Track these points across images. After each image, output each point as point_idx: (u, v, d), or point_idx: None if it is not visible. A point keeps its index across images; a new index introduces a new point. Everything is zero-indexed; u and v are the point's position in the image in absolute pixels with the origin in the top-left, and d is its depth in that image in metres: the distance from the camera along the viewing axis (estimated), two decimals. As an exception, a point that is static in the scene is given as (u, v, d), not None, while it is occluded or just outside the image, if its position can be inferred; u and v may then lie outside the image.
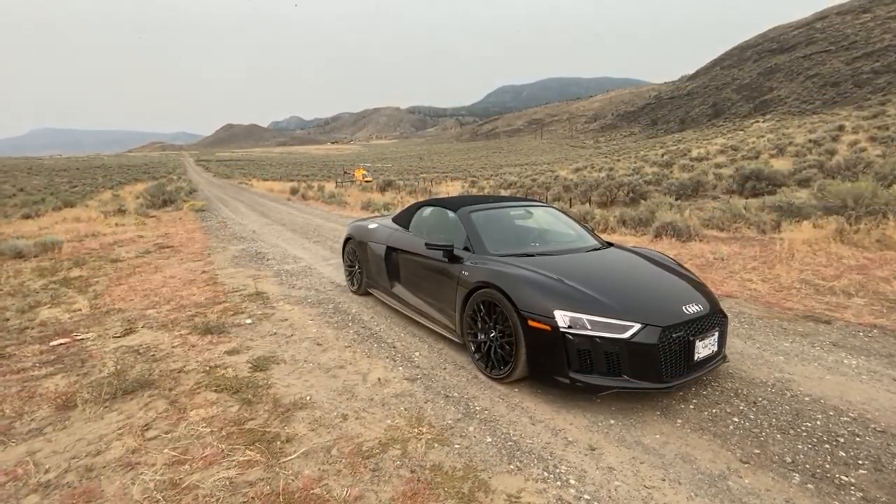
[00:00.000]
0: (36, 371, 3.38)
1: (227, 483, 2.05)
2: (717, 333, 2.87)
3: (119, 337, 4.11)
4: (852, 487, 2.03)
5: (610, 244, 3.95)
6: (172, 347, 3.76)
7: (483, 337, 3.18)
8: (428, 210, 4.50)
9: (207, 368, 3.29)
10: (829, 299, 4.78)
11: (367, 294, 5.19)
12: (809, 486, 2.05)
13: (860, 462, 2.19)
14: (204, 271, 6.84)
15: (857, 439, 2.36)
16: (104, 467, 2.21)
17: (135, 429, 2.52)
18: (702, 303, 2.89)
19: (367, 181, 39.79)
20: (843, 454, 2.25)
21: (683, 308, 2.78)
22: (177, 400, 2.84)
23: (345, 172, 54.06)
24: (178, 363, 3.41)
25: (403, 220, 4.70)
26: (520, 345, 2.82)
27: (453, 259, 3.58)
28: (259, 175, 62.39)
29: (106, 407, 2.78)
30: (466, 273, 3.34)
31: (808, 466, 2.17)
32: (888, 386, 2.93)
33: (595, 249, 3.74)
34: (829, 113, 51.86)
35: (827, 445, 2.32)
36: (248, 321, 4.39)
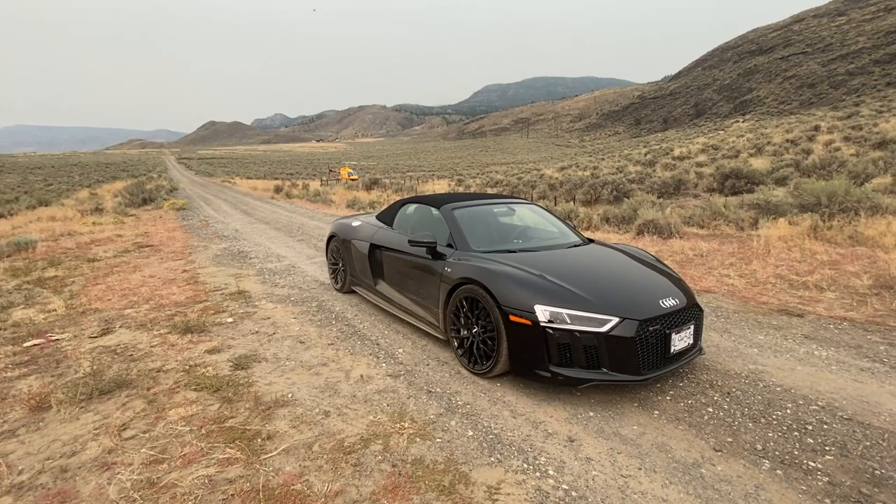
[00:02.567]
0: (9, 372, 3.30)
1: (206, 481, 2.03)
2: (692, 326, 2.94)
3: (96, 337, 4.03)
4: (819, 472, 2.10)
5: (591, 241, 4.01)
6: (151, 347, 3.70)
7: (466, 333, 3.20)
8: (412, 207, 4.50)
9: (187, 367, 3.24)
10: (803, 293, 4.92)
11: (352, 292, 5.18)
12: (778, 471, 2.12)
13: (827, 448, 2.27)
14: (185, 270, 6.73)
15: (825, 427, 2.45)
16: (79, 468, 2.17)
17: (111, 429, 2.48)
18: (678, 297, 2.96)
19: (352, 179, 39.52)
20: (811, 441, 2.33)
21: (660, 302, 2.84)
22: (155, 399, 2.80)
23: (330, 171, 53.68)
24: (157, 363, 3.36)
25: (387, 217, 4.69)
26: (501, 340, 2.85)
27: (436, 255, 3.59)
28: (242, 173, 61.55)
29: (82, 407, 2.73)
30: (449, 269, 3.35)
31: (777, 453, 2.24)
32: (856, 375, 3.04)
33: (576, 246, 3.79)
34: (806, 113, 53.25)
35: (796, 433, 2.40)
36: (230, 320, 4.34)
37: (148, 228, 11.53)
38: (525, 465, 2.17)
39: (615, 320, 2.65)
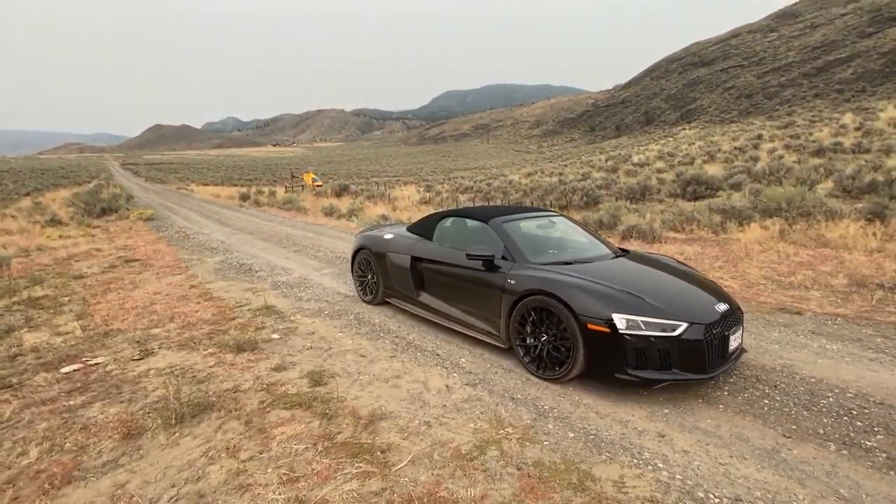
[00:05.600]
0: (68, 401, 3.18)
1: (356, 495, 2.12)
2: (741, 328, 3.31)
3: (139, 359, 3.92)
4: (877, 450, 2.47)
5: (626, 251, 4.34)
6: (210, 367, 3.65)
7: (533, 341, 3.41)
8: (450, 221, 4.67)
9: (265, 386, 3.25)
10: (793, 293, 5.48)
11: (383, 303, 5.26)
12: (844, 451, 2.47)
13: (875, 429, 2.65)
14: (192, 286, 6.54)
15: (866, 411, 2.84)
16: (215, 492, 2.19)
17: (224, 451, 2.49)
18: (727, 301, 3.32)
19: (317, 186, 38.74)
20: (860, 424, 2.71)
21: (715, 306, 3.18)
22: (251, 420, 2.81)
23: (293, 176, 52.32)
24: (229, 383, 3.34)
25: (423, 230, 4.83)
26: (577, 347, 3.08)
27: (491, 268, 3.78)
28: (198, 179, 58.85)
29: (176, 433, 2.71)
30: (513, 282, 3.55)
31: (837, 436, 2.60)
32: (868, 366, 3.50)
33: (618, 256, 4.10)
34: (745, 122, 57.54)
35: (845, 418, 2.78)
36: (276, 336, 4.33)
37: (125, 241, 10.96)
38: (635, 461, 2.40)
39: (685, 325, 2.95)
